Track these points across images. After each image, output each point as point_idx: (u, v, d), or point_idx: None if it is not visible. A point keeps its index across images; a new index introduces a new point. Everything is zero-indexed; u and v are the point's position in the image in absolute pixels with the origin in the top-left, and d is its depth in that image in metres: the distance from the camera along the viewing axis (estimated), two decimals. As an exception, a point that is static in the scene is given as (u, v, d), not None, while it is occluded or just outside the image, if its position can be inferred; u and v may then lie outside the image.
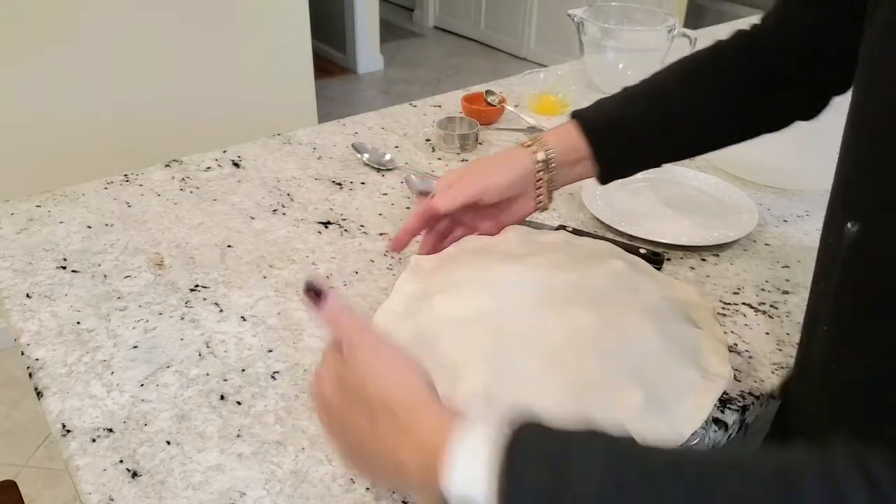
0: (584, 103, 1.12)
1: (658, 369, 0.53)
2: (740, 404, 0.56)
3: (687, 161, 0.95)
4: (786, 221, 0.82)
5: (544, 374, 0.52)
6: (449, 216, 0.65)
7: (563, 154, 0.63)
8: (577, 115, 0.64)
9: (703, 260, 0.74)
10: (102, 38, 1.69)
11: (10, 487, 0.86)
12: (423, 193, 0.72)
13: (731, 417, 0.55)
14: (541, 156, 0.62)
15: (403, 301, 0.60)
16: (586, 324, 0.55)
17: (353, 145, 0.94)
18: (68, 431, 0.52)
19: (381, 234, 0.77)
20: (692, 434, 0.50)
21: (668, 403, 0.51)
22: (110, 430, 0.53)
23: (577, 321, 0.56)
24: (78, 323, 0.63)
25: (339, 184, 0.87)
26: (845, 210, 0.43)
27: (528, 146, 0.63)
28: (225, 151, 0.94)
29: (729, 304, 0.68)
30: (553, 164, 0.62)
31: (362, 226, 0.79)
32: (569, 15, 1.16)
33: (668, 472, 0.32)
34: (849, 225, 0.42)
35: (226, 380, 0.57)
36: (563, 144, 0.63)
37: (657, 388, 0.51)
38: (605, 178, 0.65)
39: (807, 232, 0.80)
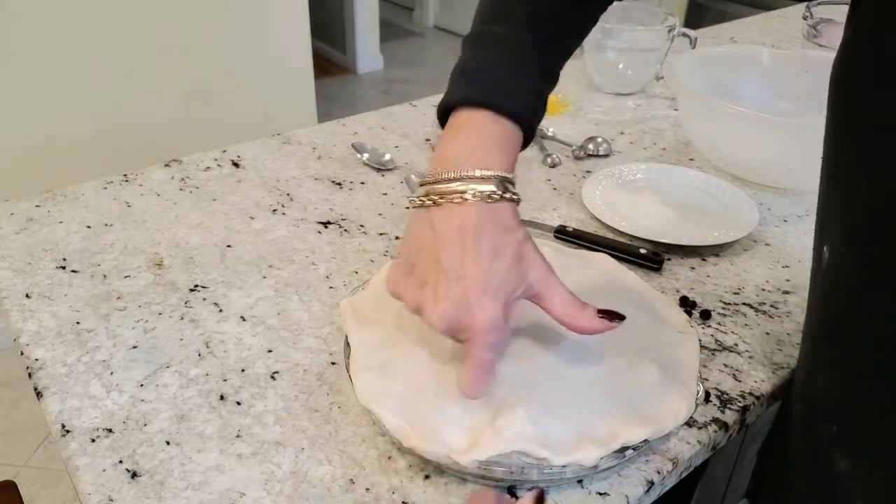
0: (585, 103, 1.13)
1: (657, 346, 0.56)
2: (740, 404, 0.56)
3: (687, 161, 0.95)
4: (786, 221, 0.82)
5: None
6: None
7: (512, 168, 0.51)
8: (503, 109, 0.51)
9: (704, 260, 0.74)
10: (101, 37, 1.69)
11: (10, 487, 0.86)
12: None
13: (731, 417, 0.55)
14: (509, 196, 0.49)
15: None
16: None
17: (352, 145, 0.94)
18: (68, 432, 0.52)
19: (380, 234, 0.77)
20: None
21: (678, 374, 0.54)
22: (110, 431, 0.53)
23: None
24: (77, 323, 0.63)
25: (339, 184, 0.87)
26: (822, 233, 0.44)
27: (497, 198, 0.47)
28: (224, 151, 0.94)
29: (729, 304, 0.67)
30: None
31: (362, 226, 0.79)
32: (569, 15, 1.16)
33: None
34: (825, 249, 0.42)
35: (225, 380, 0.57)
36: (511, 159, 0.51)
37: (662, 361, 0.54)
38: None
39: (806, 232, 0.80)
